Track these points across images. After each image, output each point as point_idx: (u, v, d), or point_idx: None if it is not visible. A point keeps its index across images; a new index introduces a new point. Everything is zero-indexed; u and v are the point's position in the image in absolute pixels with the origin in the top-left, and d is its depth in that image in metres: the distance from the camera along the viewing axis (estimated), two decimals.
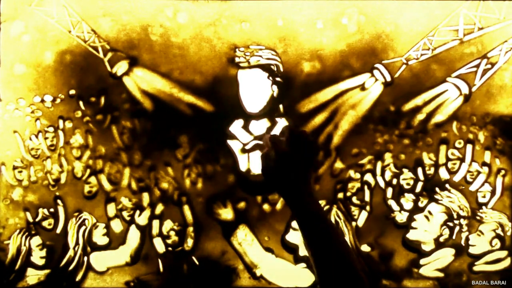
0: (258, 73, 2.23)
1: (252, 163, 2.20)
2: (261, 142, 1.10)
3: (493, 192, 2.24)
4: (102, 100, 2.25)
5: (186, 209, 2.25)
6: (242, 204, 2.24)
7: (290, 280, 2.23)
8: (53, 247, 2.25)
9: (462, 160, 2.24)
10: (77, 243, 2.24)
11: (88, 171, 2.26)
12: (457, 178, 2.25)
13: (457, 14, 2.24)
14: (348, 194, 2.24)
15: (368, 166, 2.25)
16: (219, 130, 2.24)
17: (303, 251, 2.21)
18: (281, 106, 2.25)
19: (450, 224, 2.21)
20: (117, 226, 2.26)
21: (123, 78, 2.25)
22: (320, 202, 2.21)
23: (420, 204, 2.23)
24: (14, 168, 2.25)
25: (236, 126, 2.25)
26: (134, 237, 2.25)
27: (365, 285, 0.97)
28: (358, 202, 2.24)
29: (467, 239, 2.23)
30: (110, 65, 2.25)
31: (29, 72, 2.25)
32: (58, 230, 2.25)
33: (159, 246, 2.25)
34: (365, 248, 2.22)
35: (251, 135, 2.24)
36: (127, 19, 2.25)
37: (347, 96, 2.25)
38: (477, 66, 2.24)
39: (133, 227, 2.25)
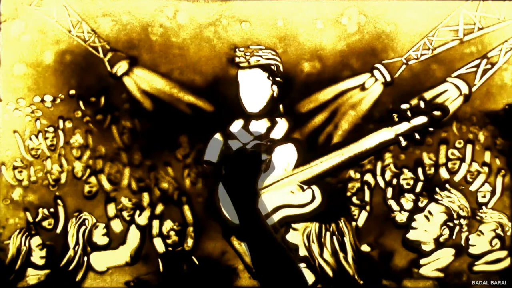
0: (258, 73, 2.23)
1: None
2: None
3: (493, 192, 2.24)
4: (102, 100, 2.25)
5: (186, 209, 2.25)
6: None
7: None
8: (53, 247, 2.25)
9: (462, 160, 2.24)
10: (77, 243, 2.24)
11: (88, 171, 2.26)
12: (457, 178, 2.25)
13: (457, 14, 2.24)
14: (348, 194, 2.24)
15: (368, 166, 2.25)
16: (219, 130, 2.24)
17: (303, 251, 2.21)
18: (281, 106, 2.25)
19: (450, 224, 2.21)
20: (117, 226, 2.26)
21: (123, 78, 2.26)
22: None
23: (420, 204, 2.23)
24: (14, 168, 2.25)
25: (236, 126, 2.25)
26: (134, 237, 2.25)
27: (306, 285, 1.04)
28: (358, 202, 2.24)
29: (467, 239, 2.23)
30: (110, 65, 2.26)
31: (29, 72, 2.25)
32: (58, 230, 2.25)
33: (159, 246, 2.25)
34: (365, 248, 2.23)
35: (251, 135, 2.24)
36: (127, 19, 2.25)
37: (347, 96, 2.25)
38: (477, 66, 2.24)
39: (133, 227, 2.25)
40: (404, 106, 2.20)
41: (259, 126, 2.25)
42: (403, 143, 2.19)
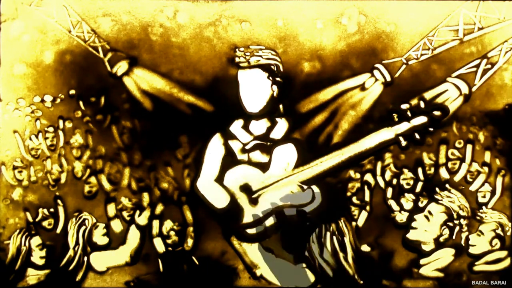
0: (258, 73, 2.23)
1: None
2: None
3: (493, 192, 2.24)
4: (102, 100, 2.25)
5: (186, 209, 2.25)
6: None
7: (290, 280, 2.23)
8: (53, 247, 2.25)
9: (462, 160, 2.24)
10: (77, 243, 2.24)
11: (88, 171, 2.26)
12: (457, 178, 2.25)
13: (457, 14, 2.24)
14: (348, 194, 2.24)
15: (368, 166, 2.25)
16: (219, 130, 2.24)
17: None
18: (281, 106, 2.25)
19: (450, 224, 2.21)
20: (117, 226, 2.26)
21: (123, 78, 2.26)
22: None
23: (420, 204, 2.23)
24: (14, 168, 2.25)
25: (236, 126, 2.25)
26: (134, 237, 2.25)
27: None
28: (358, 202, 2.24)
29: (467, 239, 2.23)
30: (110, 65, 2.26)
31: (29, 72, 2.25)
32: (58, 230, 2.25)
33: (159, 246, 2.25)
34: (365, 248, 2.23)
35: (251, 135, 2.24)
36: (127, 19, 2.25)
37: (347, 96, 2.25)
38: (477, 66, 2.24)
39: (133, 227, 2.25)
40: (404, 106, 2.20)
41: (259, 126, 2.25)
42: (403, 143, 2.19)
